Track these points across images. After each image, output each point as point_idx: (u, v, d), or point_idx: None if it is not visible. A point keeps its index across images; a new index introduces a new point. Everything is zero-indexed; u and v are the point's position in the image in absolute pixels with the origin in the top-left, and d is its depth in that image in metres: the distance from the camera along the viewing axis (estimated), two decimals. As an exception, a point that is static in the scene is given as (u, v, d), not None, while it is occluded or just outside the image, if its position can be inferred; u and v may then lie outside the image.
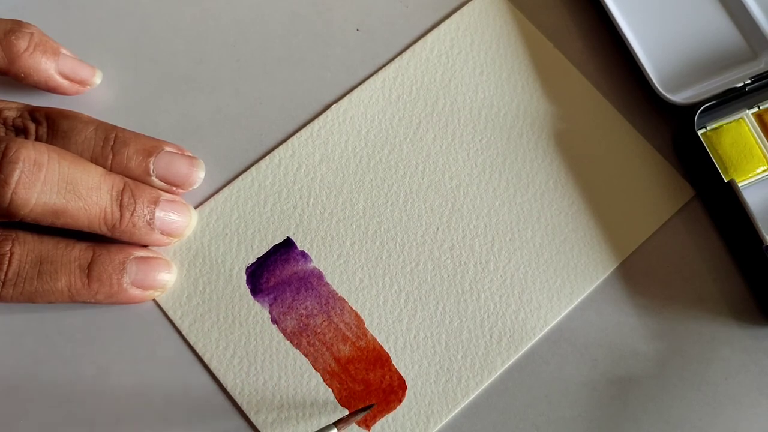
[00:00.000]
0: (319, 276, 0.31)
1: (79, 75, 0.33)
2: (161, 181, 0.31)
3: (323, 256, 0.32)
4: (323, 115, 0.34)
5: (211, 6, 0.35)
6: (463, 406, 0.30)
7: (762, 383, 0.31)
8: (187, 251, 0.31)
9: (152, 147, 0.31)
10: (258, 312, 0.31)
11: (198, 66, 0.34)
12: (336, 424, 0.27)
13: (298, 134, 0.33)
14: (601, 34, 0.36)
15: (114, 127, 0.30)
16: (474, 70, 0.35)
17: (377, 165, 0.33)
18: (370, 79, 0.34)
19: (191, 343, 0.30)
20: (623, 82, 0.35)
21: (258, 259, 0.32)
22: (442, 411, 0.30)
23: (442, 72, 0.35)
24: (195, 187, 0.32)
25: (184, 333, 0.31)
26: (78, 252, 0.29)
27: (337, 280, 0.31)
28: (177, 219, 0.30)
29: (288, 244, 0.32)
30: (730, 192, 0.31)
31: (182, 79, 0.34)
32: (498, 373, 0.31)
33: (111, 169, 0.30)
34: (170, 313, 0.31)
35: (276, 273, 0.31)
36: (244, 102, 0.34)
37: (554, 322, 0.31)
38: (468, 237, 0.32)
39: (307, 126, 0.33)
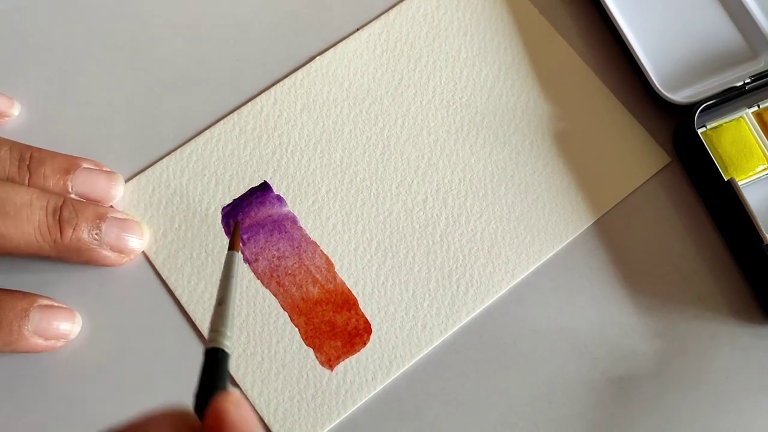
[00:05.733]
0: (293, 220, 0.32)
1: None
2: (80, 198, 0.30)
3: (298, 201, 0.32)
4: (307, 66, 0.34)
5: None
6: (427, 352, 0.31)
7: (762, 382, 0.31)
8: (165, 189, 0.32)
9: (69, 165, 0.30)
10: (231, 251, 0.31)
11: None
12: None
13: (281, 83, 0.34)
14: (601, 33, 0.36)
15: (29, 147, 0.29)
16: (458, 30, 0.35)
17: (357, 116, 0.34)
18: (356, 34, 0.35)
19: (164, 277, 0.31)
20: (623, 81, 0.35)
21: (234, 200, 0.32)
22: (405, 356, 0.31)
23: (426, 30, 0.35)
24: (115, 201, 0.31)
25: (157, 268, 0.31)
26: None
27: (310, 224, 0.32)
28: (127, 236, 0.30)
29: (264, 188, 0.32)
30: (731, 191, 0.31)
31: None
32: (462, 323, 0.31)
33: None
34: (145, 249, 0.31)
35: (251, 214, 0.32)
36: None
37: (521, 277, 0.32)
38: (442, 190, 0.33)
39: (291, 75, 0.34)
